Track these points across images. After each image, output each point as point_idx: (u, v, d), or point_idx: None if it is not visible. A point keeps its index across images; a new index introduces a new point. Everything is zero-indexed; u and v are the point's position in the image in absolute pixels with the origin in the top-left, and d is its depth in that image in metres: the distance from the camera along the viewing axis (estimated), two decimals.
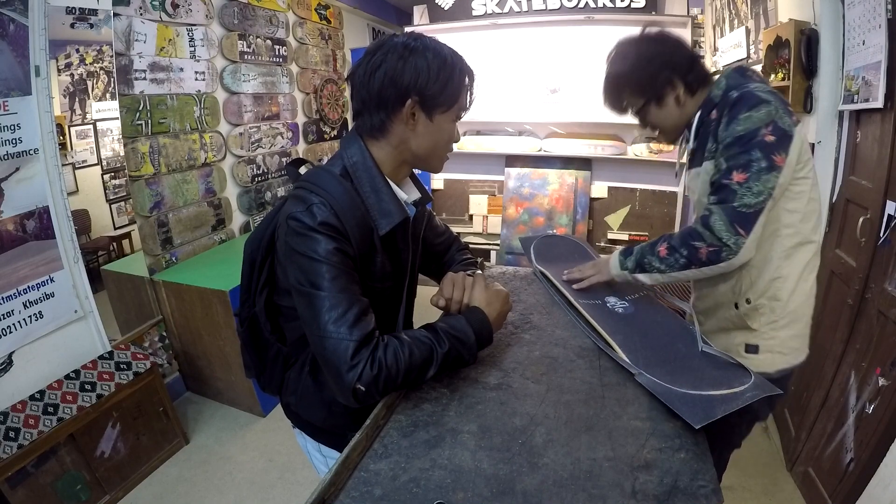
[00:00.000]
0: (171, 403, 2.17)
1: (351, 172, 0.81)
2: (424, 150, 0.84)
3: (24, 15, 1.67)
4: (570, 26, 3.53)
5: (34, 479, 1.63)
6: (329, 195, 0.77)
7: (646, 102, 1.10)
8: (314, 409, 0.96)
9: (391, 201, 0.82)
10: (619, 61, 1.10)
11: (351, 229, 0.77)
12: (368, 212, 0.81)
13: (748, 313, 1.08)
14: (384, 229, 0.81)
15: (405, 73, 0.76)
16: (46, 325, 1.81)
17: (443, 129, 0.82)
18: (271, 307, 0.92)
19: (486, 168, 4.07)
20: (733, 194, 0.94)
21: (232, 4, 2.71)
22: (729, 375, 0.81)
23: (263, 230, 0.90)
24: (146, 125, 2.23)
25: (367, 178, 0.81)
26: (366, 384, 0.73)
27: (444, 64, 0.78)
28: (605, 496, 0.62)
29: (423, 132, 0.82)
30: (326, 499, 0.63)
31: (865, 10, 1.51)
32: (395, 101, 0.78)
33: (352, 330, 0.73)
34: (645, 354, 0.90)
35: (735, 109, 0.96)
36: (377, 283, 0.84)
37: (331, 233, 0.75)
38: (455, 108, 0.82)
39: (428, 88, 0.78)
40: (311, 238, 0.74)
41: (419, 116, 0.80)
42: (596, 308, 1.11)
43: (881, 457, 1.33)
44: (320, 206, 0.75)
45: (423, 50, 0.78)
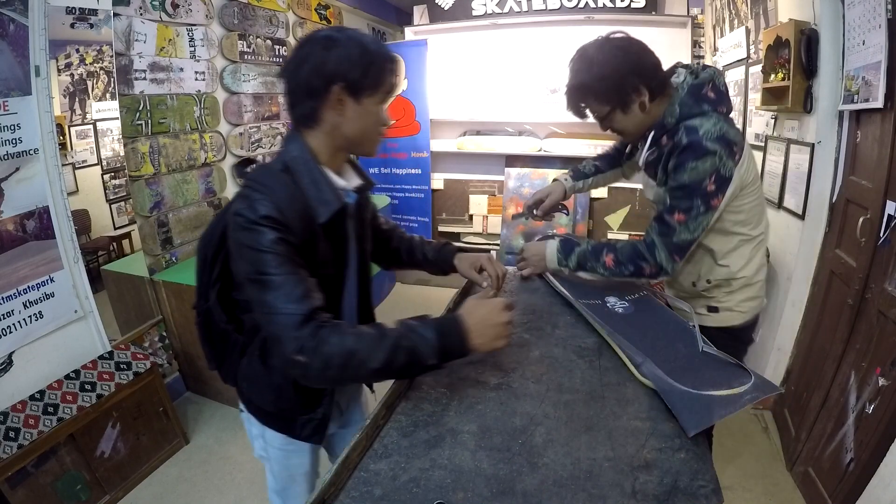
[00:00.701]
0: (171, 403, 2.17)
1: (291, 167, 0.86)
2: (356, 133, 0.88)
3: (24, 15, 1.67)
4: (570, 26, 3.53)
5: (34, 479, 1.63)
6: (269, 190, 0.82)
7: (611, 110, 1.11)
8: (263, 393, 1.00)
9: (329, 190, 0.86)
10: (584, 70, 1.09)
11: (291, 220, 0.81)
12: (308, 201, 0.85)
13: (707, 289, 1.24)
14: (324, 217, 0.85)
15: (329, 61, 0.82)
16: (46, 325, 1.81)
17: (371, 112, 0.87)
18: (228, 301, 0.97)
19: (486, 168, 4.07)
20: (673, 231, 1.07)
21: (232, 4, 2.71)
22: (728, 376, 0.81)
23: (214, 228, 0.96)
24: (146, 125, 2.23)
25: (306, 170, 0.86)
26: (307, 355, 0.75)
27: (364, 51, 0.83)
28: (605, 496, 0.62)
29: (353, 116, 0.86)
30: (326, 499, 0.63)
31: (865, 10, 1.51)
32: (323, 88, 0.83)
33: (298, 304, 0.77)
34: (644, 354, 0.91)
35: (683, 157, 1.04)
36: (320, 270, 0.87)
37: (272, 224, 0.79)
38: (381, 91, 0.86)
39: (351, 74, 0.82)
40: (255, 231, 0.79)
41: (347, 101, 0.84)
42: (595, 308, 1.11)
43: (881, 457, 1.33)
44: (261, 202, 0.80)
45: (346, 40, 0.83)
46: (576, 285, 1.24)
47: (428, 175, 4.03)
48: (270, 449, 1.09)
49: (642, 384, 0.84)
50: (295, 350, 0.75)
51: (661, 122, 1.11)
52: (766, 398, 0.80)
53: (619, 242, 1.16)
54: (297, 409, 0.99)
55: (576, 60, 1.13)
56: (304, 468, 1.12)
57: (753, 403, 0.78)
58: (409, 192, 4.14)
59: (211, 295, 0.96)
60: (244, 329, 0.98)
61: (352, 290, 0.99)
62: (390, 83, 0.88)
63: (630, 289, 1.23)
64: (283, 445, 1.06)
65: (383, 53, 0.86)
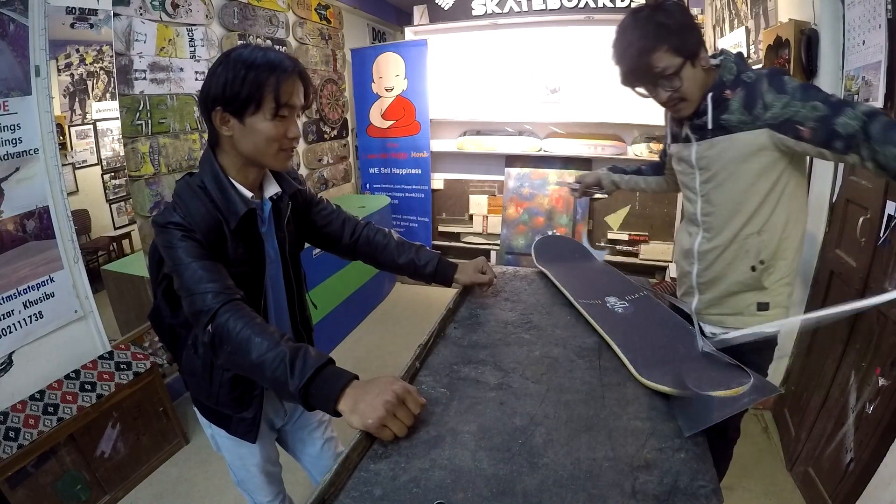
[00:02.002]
0: (171, 403, 2.17)
1: (205, 182, 0.93)
2: (250, 151, 0.91)
3: (24, 15, 1.67)
4: (570, 26, 3.53)
5: (34, 479, 1.63)
6: (181, 202, 0.91)
7: (682, 63, 1.06)
8: (201, 388, 1.07)
9: (236, 201, 0.93)
10: (662, 14, 1.06)
11: (195, 225, 0.89)
12: (220, 211, 0.92)
13: (762, 273, 1.17)
14: (233, 224, 0.92)
15: (210, 86, 0.87)
16: (46, 325, 1.81)
17: (257, 129, 0.88)
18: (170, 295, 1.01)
19: (486, 168, 4.07)
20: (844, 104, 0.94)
21: (232, 4, 2.71)
22: (728, 376, 0.81)
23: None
24: (146, 125, 2.23)
25: (214, 183, 0.93)
26: (215, 327, 0.83)
27: (241, 67, 0.85)
28: (605, 496, 0.62)
29: (241, 136, 0.90)
30: (326, 499, 0.63)
31: (865, 10, 1.51)
32: (208, 113, 0.89)
33: (209, 283, 0.85)
34: (644, 354, 0.90)
35: (775, 80, 1.03)
36: (233, 268, 0.94)
37: (177, 227, 0.88)
38: (265, 107, 0.87)
39: (227, 95, 0.86)
40: (165, 232, 0.89)
41: (232, 122, 0.88)
42: (595, 308, 1.11)
43: (881, 457, 1.33)
44: (170, 211, 0.90)
45: (229, 61, 0.86)
46: (576, 285, 1.24)
47: (428, 175, 4.03)
48: (219, 439, 1.16)
49: (642, 384, 0.84)
50: (207, 321, 0.83)
51: (718, 81, 1.09)
52: (766, 399, 0.80)
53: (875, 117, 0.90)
54: (230, 405, 1.05)
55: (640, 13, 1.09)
56: (256, 460, 1.16)
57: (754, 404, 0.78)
58: (409, 192, 4.14)
59: (157, 294, 1.04)
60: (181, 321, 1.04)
61: (278, 287, 1.08)
62: (275, 97, 0.86)
63: (630, 289, 1.22)
64: (228, 438, 1.12)
65: (265, 67, 0.85)
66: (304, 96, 0.92)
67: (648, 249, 3.68)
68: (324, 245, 1.24)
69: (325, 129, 3.81)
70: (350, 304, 3.17)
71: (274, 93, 0.86)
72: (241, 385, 1.03)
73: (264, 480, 1.20)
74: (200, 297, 0.85)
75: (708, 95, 1.10)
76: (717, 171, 1.15)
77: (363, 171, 4.28)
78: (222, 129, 0.90)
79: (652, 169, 1.59)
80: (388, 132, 4.04)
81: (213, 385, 1.03)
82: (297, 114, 0.93)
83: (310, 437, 1.25)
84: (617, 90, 1.24)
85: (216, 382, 1.03)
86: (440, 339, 1.05)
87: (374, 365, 2.84)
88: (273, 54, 0.88)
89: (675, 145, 1.28)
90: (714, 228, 1.21)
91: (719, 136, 1.11)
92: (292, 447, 1.30)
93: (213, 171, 0.94)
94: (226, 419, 1.09)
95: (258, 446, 1.14)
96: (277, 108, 0.87)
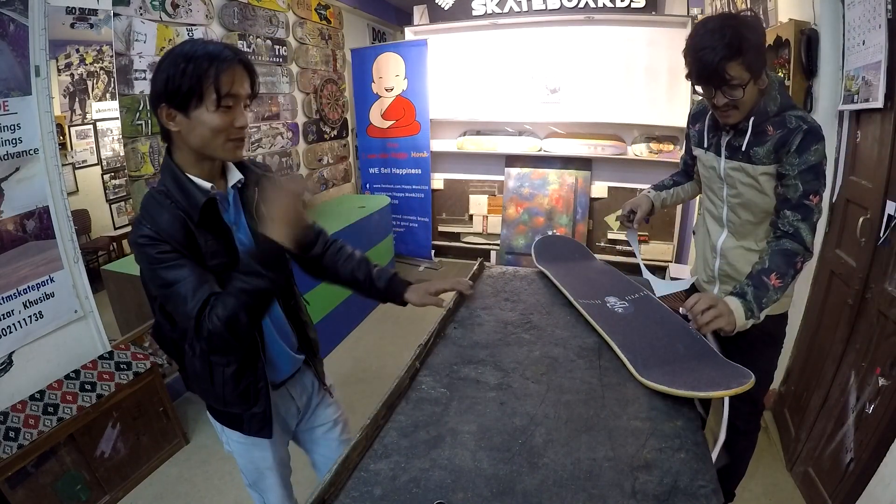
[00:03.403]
0: (171, 403, 2.17)
1: (166, 184, 0.93)
2: (198, 144, 0.91)
3: (24, 15, 1.67)
4: (570, 26, 3.53)
5: (34, 479, 1.63)
6: (147, 214, 0.91)
7: (749, 79, 1.11)
8: (209, 392, 1.06)
9: (196, 193, 0.92)
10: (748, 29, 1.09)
11: (164, 233, 0.89)
12: (181, 207, 0.92)
13: None
14: (196, 217, 0.92)
15: (154, 84, 0.88)
16: (46, 325, 1.81)
17: (202, 121, 0.88)
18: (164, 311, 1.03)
19: (486, 168, 4.07)
20: (812, 213, 1.14)
21: (232, 4, 2.71)
22: (728, 376, 0.81)
23: None
24: (146, 125, 2.23)
25: (174, 182, 0.92)
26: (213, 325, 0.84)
27: (180, 61, 0.85)
28: (605, 496, 0.62)
29: (188, 130, 0.89)
30: (326, 499, 0.63)
31: (865, 10, 1.51)
32: (154, 110, 0.90)
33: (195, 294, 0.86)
34: (644, 354, 0.90)
35: (807, 140, 1.12)
36: (210, 261, 0.94)
37: (148, 242, 0.88)
38: (207, 98, 0.86)
39: (168, 91, 0.86)
40: (140, 250, 0.89)
41: (178, 118, 0.88)
42: (595, 308, 1.11)
43: (881, 457, 1.33)
44: (139, 225, 0.90)
45: (169, 57, 0.87)
46: (576, 285, 1.24)
47: (428, 175, 4.03)
48: (232, 443, 1.14)
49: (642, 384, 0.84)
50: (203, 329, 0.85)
51: (762, 109, 1.16)
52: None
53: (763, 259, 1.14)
54: (240, 405, 1.05)
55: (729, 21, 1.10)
56: (268, 462, 1.16)
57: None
58: (409, 192, 4.14)
59: (155, 308, 1.03)
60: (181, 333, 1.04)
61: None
62: (214, 87, 0.86)
63: (630, 289, 1.23)
64: (241, 440, 1.11)
65: (203, 59, 0.85)
66: (249, 85, 0.92)
67: (648, 249, 3.68)
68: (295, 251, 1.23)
69: (325, 129, 3.81)
70: (350, 304, 3.17)
71: (214, 83, 0.86)
72: (245, 379, 1.03)
73: (277, 482, 1.19)
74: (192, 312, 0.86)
75: (750, 119, 1.17)
76: (742, 191, 1.25)
77: (363, 171, 4.28)
78: (169, 124, 0.90)
79: (684, 176, 1.61)
80: (388, 132, 4.04)
81: (215, 385, 1.03)
82: (245, 103, 0.92)
83: (324, 437, 1.25)
84: (617, 90, 1.26)
85: (218, 381, 1.02)
86: (440, 339, 1.05)
87: (374, 365, 2.84)
88: (213, 46, 0.88)
89: (701, 151, 1.35)
90: (739, 232, 1.32)
91: (745, 163, 1.21)
92: (306, 447, 1.29)
93: (171, 172, 0.94)
94: (237, 419, 1.08)
95: (271, 449, 1.13)
96: (219, 98, 0.87)
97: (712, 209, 1.39)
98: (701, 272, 1.47)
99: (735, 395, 0.77)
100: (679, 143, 3.46)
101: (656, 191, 1.58)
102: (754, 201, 1.25)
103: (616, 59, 3.43)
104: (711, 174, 1.33)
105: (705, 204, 1.44)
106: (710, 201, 1.39)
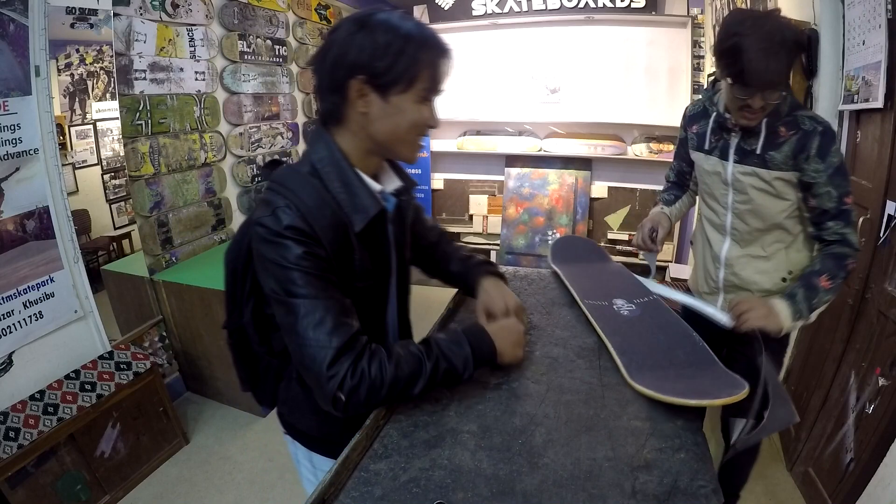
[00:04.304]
0: (171, 403, 2.17)
1: (319, 169, 0.76)
2: (384, 135, 0.76)
3: (24, 15, 1.67)
4: (570, 26, 3.53)
5: (34, 479, 1.63)
6: (295, 196, 0.72)
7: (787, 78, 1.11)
8: (306, 418, 0.93)
9: (364, 195, 0.77)
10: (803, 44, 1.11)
11: (321, 230, 0.72)
12: (341, 208, 0.75)
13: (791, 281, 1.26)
14: (359, 226, 0.76)
15: (351, 50, 0.71)
16: (46, 325, 1.81)
17: (402, 110, 0.74)
18: (259, 317, 0.88)
19: (486, 168, 4.07)
20: (851, 214, 1.14)
21: (232, 4, 2.71)
22: (720, 385, 0.80)
23: (241, 237, 0.85)
24: (146, 125, 2.23)
25: (336, 172, 0.76)
26: (347, 393, 0.70)
27: (395, 37, 0.71)
28: (605, 496, 0.62)
29: (379, 115, 0.74)
30: (326, 499, 0.63)
31: (865, 10, 1.51)
32: (344, 81, 0.72)
33: (331, 336, 0.70)
34: (638, 358, 0.90)
35: (825, 142, 1.10)
36: (358, 282, 0.80)
37: (298, 237, 0.71)
38: (417, 87, 0.73)
39: (374, 65, 0.70)
40: (279, 244, 0.71)
41: (371, 98, 0.73)
42: (600, 309, 1.10)
43: (881, 457, 1.33)
44: (285, 210, 0.71)
45: (375, 24, 0.71)
46: (585, 285, 1.23)
47: (428, 175, 4.03)
48: (320, 473, 0.98)
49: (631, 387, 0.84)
50: (333, 389, 0.70)
51: (776, 109, 1.13)
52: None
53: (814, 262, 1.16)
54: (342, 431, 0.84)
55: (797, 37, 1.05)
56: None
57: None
58: None
59: (245, 312, 0.88)
60: (275, 351, 0.91)
61: (393, 301, 0.90)
62: (430, 77, 0.74)
63: (641, 292, 1.21)
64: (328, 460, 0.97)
65: (421, 40, 0.73)
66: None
67: None
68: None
69: None
70: None
71: (431, 72, 0.74)
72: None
73: None
74: (320, 357, 0.70)
75: (763, 121, 1.14)
76: (753, 196, 1.21)
77: None
78: (357, 102, 0.73)
79: (678, 189, 1.56)
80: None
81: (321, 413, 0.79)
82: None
83: None
84: (617, 90, 1.26)
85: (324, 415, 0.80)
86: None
87: None
88: (426, 28, 0.75)
89: (701, 155, 1.31)
90: (744, 240, 1.28)
91: (759, 167, 1.18)
92: None
93: (332, 157, 0.76)
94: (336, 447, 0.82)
95: None
96: (431, 90, 0.75)
97: (713, 217, 1.34)
98: (702, 283, 1.43)
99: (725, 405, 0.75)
100: None
101: (667, 206, 1.52)
102: (766, 207, 1.21)
103: (616, 59, 3.43)
104: (714, 180, 1.28)
105: (704, 212, 1.39)
106: (711, 209, 1.35)
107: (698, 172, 1.36)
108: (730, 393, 0.76)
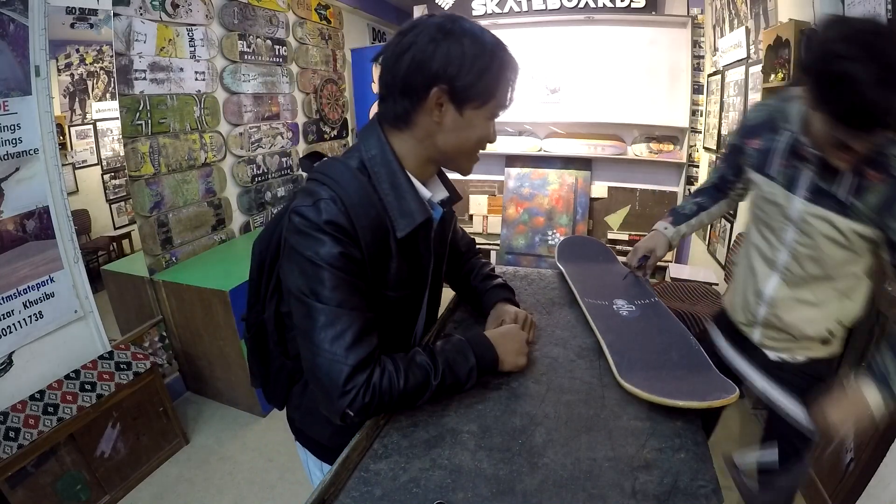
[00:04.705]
0: (171, 403, 2.17)
1: (368, 167, 0.73)
2: (451, 147, 0.75)
3: (24, 15, 1.67)
4: (570, 26, 3.53)
5: (34, 479, 1.63)
6: (341, 189, 0.69)
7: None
8: (319, 427, 0.91)
9: (413, 200, 0.74)
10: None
11: (362, 230, 0.69)
12: (386, 211, 0.73)
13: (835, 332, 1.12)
14: (403, 231, 0.73)
15: (435, 57, 0.68)
16: (46, 325, 1.81)
17: (473, 125, 0.74)
18: (280, 315, 0.85)
19: (486, 168, 4.07)
20: None
21: (232, 4, 2.71)
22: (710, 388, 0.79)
23: (273, 228, 0.83)
24: (146, 125, 2.23)
25: (387, 173, 0.73)
26: (356, 410, 0.69)
27: (482, 52, 0.69)
28: (605, 496, 0.62)
29: (451, 127, 0.73)
30: (326, 499, 0.63)
31: (865, 10, 1.51)
32: (422, 88, 0.70)
33: (348, 353, 0.68)
34: (631, 357, 0.90)
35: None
36: (391, 292, 0.77)
37: (337, 234, 0.68)
38: (491, 104, 0.73)
39: (459, 78, 0.69)
40: (315, 238, 0.68)
41: (447, 108, 0.71)
42: (599, 308, 1.10)
43: (881, 457, 1.33)
44: (329, 202, 0.68)
45: (461, 34, 0.69)
46: (587, 284, 1.23)
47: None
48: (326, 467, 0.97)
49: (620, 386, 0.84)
50: (344, 406, 0.69)
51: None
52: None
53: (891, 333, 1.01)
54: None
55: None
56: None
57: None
58: None
59: (268, 307, 0.85)
60: (290, 354, 0.88)
61: (423, 315, 0.88)
62: (505, 96, 0.75)
63: (642, 294, 1.20)
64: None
65: (504, 59, 0.72)
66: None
67: None
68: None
69: (325, 129, 3.81)
70: None
71: (506, 91, 0.75)
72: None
73: None
74: (333, 371, 0.68)
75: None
76: (820, 244, 1.02)
77: None
78: (434, 112, 0.71)
79: (711, 196, 1.36)
80: None
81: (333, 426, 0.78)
82: None
83: None
84: (617, 90, 1.23)
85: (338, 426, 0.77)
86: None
87: None
88: (503, 44, 0.74)
89: (762, 178, 1.10)
90: (795, 283, 1.10)
91: (837, 214, 0.97)
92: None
93: (384, 157, 0.74)
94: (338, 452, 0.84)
95: None
96: (499, 108, 0.75)
97: (764, 248, 1.15)
98: (739, 313, 1.25)
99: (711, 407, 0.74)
100: (679, 144, 3.47)
101: (675, 224, 1.34)
102: (833, 258, 1.02)
103: (616, 59, 3.43)
104: (773, 211, 1.09)
105: (753, 238, 1.19)
106: (764, 238, 1.15)
107: (756, 197, 1.16)
108: (719, 396, 0.76)
